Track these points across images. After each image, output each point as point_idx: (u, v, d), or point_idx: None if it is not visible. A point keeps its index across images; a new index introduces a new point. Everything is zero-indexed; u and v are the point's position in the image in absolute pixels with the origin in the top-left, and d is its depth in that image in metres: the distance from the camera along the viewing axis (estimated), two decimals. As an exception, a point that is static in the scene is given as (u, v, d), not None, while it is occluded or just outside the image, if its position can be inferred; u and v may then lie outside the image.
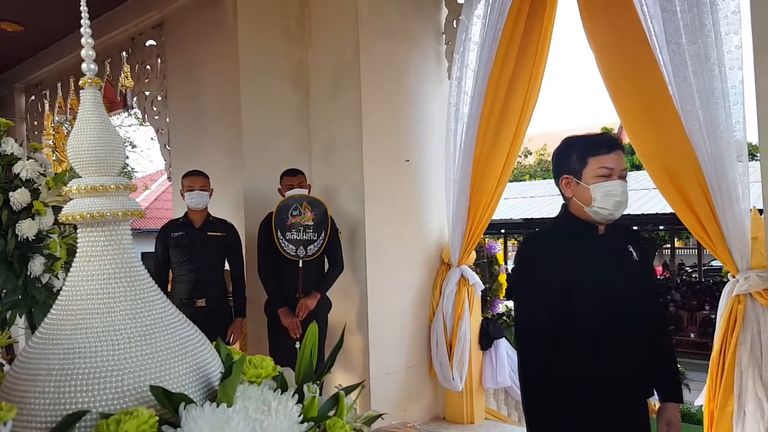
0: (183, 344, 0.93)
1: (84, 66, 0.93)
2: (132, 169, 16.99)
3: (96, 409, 0.81)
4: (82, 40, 0.93)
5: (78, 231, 0.93)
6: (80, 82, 0.94)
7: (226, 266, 3.90)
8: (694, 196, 2.92)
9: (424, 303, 4.32)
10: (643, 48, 3.01)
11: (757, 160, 2.75)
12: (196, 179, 3.70)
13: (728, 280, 2.97)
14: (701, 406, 3.25)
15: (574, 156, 1.95)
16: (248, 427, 0.81)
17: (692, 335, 14.23)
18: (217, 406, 0.83)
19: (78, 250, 0.93)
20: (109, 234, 0.93)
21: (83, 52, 0.92)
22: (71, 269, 0.93)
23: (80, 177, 0.94)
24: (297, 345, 1.10)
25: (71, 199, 0.93)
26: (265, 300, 3.77)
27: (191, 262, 3.68)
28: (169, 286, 3.81)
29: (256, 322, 3.91)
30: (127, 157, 15.51)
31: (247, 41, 4.13)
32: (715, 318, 3.03)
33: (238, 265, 3.87)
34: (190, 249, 3.68)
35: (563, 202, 2.04)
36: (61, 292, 0.93)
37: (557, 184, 2.03)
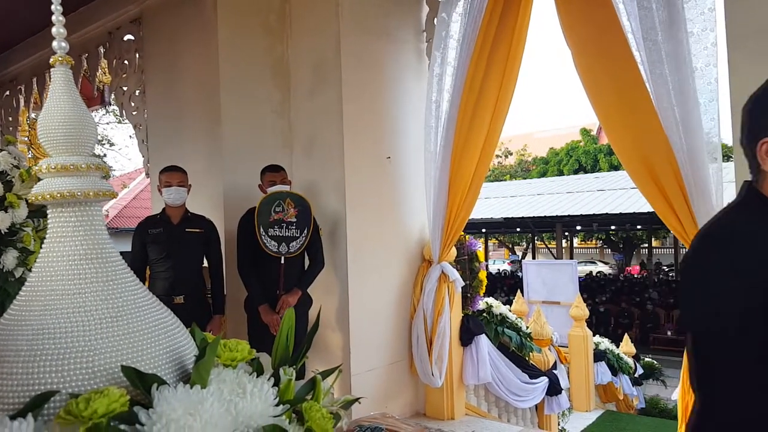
0: (156, 326, 0.92)
1: (55, 44, 0.91)
2: (110, 167, 16.75)
3: (66, 390, 0.80)
4: (53, 18, 0.91)
5: (48, 211, 0.91)
6: (50, 61, 0.93)
7: (205, 263, 3.86)
8: (671, 191, 2.96)
9: (405, 300, 4.32)
10: (620, 44, 3.05)
11: (731, 160, 2.79)
12: (173, 175, 3.65)
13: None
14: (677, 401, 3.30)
15: None
16: (222, 408, 0.80)
17: (669, 332, 14.46)
18: (191, 388, 0.82)
19: (48, 230, 0.91)
20: (80, 214, 0.91)
21: (54, 30, 0.90)
22: (41, 250, 0.91)
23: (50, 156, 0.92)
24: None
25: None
26: (245, 297, 3.73)
27: (169, 258, 3.63)
28: (147, 284, 3.76)
29: (236, 319, 3.88)
30: (105, 155, 15.30)
31: (227, 36, 4.09)
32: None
33: (217, 261, 3.83)
34: (168, 246, 3.64)
35: (748, 180, 1.34)
36: (30, 273, 0.91)
37: (750, 149, 1.31)
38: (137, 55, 5.00)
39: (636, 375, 9.66)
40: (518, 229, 24.15)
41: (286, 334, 1.03)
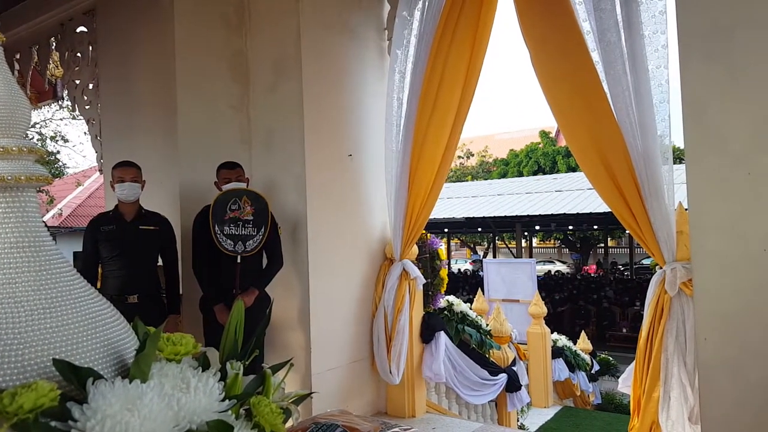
0: (93, 319, 0.87)
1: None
2: (63, 164, 16.19)
3: (-8, 386, 0.75)
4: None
5: (-24, 197, 0.85)
6: (-19, 39, 0.87)
7: (160, 262, 3.75)
8: (627, 190, 3.01)
9: (367, 299, 4.29)
10: (578, 45, 3.10)
11: (682, 162, 2.87)
12: (127, 170, 3.54)
13: (655, 272, 3.10)
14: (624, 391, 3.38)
15: None
16: (163, 403, 0.76)
17: (624, 330, 14.83)
18: (130, 383, 0.78)
19: (-24, 217, 0.85)
20: (10, 200, 0.86)
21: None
22: (-32, 238, 0.85)
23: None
24: None
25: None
26: (200, 296, 3.65)
27: (122, 257, 3.52)
28: (99, 283, 3.64)
29: (191, 319, 3.79)
30: (59, 152, 14.79)
31: (184, 28, 3.99)
32: (646, 313, 3.15)
33: (172, 260, 3.73)
34: (121, 243, 3.52)
35: None
36: (-44, 263, 0.85)
37: None
38: (90, 48, 4.84)
39: (592, 371, 9.88)
40: (479, 229, 24.44)
41: (234, 327, 0.99)
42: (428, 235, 4.90)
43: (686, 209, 2.90)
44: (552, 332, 8.21)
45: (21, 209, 0.87)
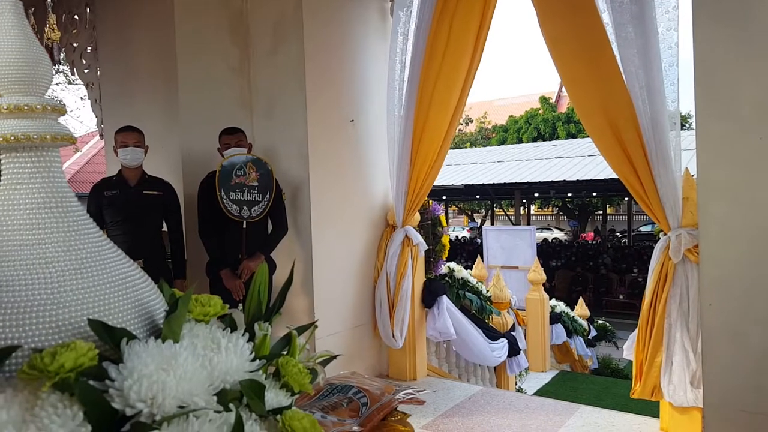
0: (123, 279, 0.86)
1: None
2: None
3: (28, 345, 0.75)
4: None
5: (2, 156, 0.84)
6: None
7: (164, 227, 3.75)
8: (635, 155, 2.99)
9: (369, 264, 4.31)
10: (587, 5, 3.03)
11: (687, 128, 2.85)
12: (129, 135, 3.50)
13: (659, 239, 3.11)
14: (630, 361, 3.42)
15: None
16: (197, 363, 0.77)
17: (621, 296, 14.98)
18: (163, 343, 0.78)
19: (2, 177, 0.84)
20: (36, 160, 0.84)
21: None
22: (-6, 199, 0.84)
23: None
24: (240, 307, 1.05)
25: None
26: (206, 261, 3.66)
27: (126, 222, 3.51)
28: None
29: (197, 284, 3.79)
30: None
31: (183, -12, 3.90)
32: (642, 281, 3.17)
33: (177, 224, 3.72)
34: (125, 208, 3.51)
35: None
36: (-17, 225, 0.84)
37: None
38: (88, 10, 4.73)
39: (590, 337, 10.01)
40: (478, 197, 24.43)
41: (258, 289, 0.99)
42: (430, 201, 4.89)
43: (693, 175, 2.89)
44: (550, 298, 8.29)
45: (47, 169, 0.85)
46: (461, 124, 29.67)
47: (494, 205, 26.60)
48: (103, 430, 0.67)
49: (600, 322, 11.87)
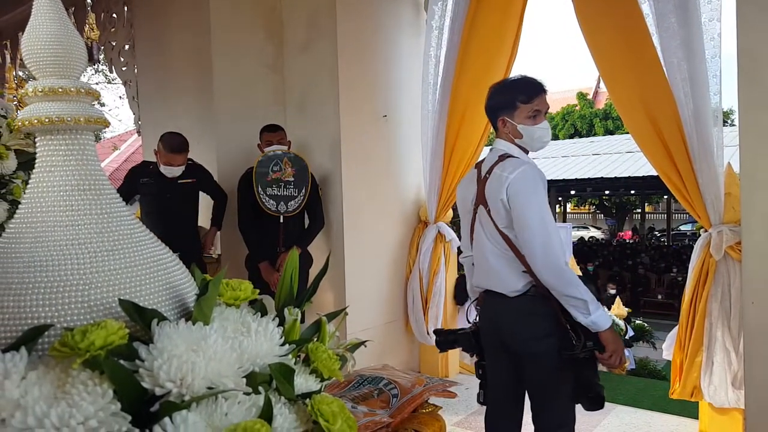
0: (154, 262, 0.87)
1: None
2: (101, 128, 16.41)
3: (60, 324, 0.76)
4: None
5: (36, 139, 0.85)
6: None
7: (200, 222, 3.81)
8: (676, 150, 2.90)
9: (401, 260, 4.30)
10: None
11: (727, 125, 2.74)
12: (177, 157, 3.51)
13: (700, 235, 3.01)
14: (668, 361, 3.32)
15: None
16: (227, 345, 0.77)
17: (659, 296, 14.62)
18: (193, 325, 0.78)
19: (37, 160, 0.85)
20: (70, 142, 0.85)
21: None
22: (30, 181, 0.86)
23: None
24: None
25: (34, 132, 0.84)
26: (245, 255, 3.73)
27: (161, 214, 3.56)
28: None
29: (237, 276, 3.84)
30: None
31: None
32: (682, 281, 3.08)
33: (221, 196, 3.81)
34: (159, 199, 3.56)
35: None
36: (20, 206, 0.86)
37: None
38: (125, 8, 4.84)
39: (627, 337, 9.78)
40: (512, 194, 24.08)
41: (290, 274, 0.99)
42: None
43: (735, 171, 2.79)
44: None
45: (80, 152, 0.87)
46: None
47: (529, 203, 26.19)
48: (132, 408, 0.68)
49: (638, 322, 11.58)
